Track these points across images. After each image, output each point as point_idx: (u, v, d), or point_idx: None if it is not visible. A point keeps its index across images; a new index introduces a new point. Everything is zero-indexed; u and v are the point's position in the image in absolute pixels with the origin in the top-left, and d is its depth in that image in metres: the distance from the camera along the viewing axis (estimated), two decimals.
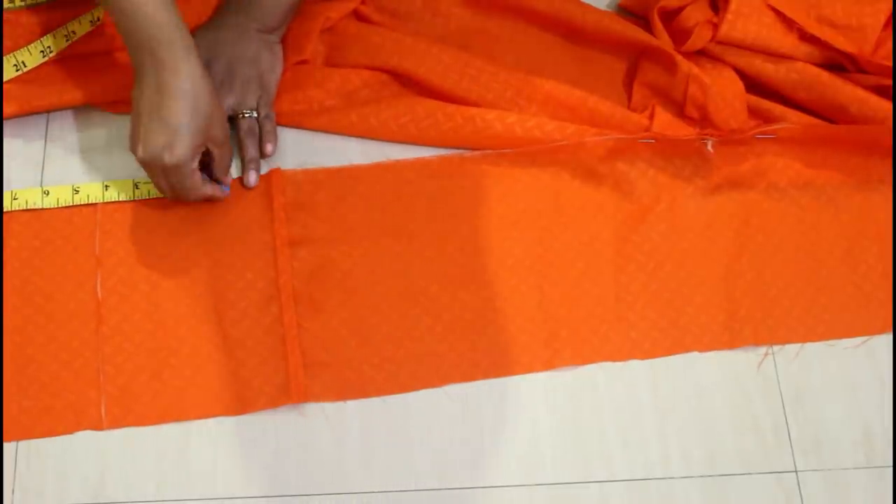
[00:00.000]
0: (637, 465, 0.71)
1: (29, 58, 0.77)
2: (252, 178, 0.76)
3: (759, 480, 0.71)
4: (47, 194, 0.75)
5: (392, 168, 0.79)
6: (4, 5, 0.78)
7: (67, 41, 0.78)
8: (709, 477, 0.71)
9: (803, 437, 0.72)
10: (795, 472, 0.71)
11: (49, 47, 0.77)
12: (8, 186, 0.76)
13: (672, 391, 0.73)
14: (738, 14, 0.79)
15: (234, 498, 0.68)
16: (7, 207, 0.75)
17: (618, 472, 0.70)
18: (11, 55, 0.77)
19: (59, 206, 0.75)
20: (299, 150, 0.79)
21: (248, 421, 0.70)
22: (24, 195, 0.75)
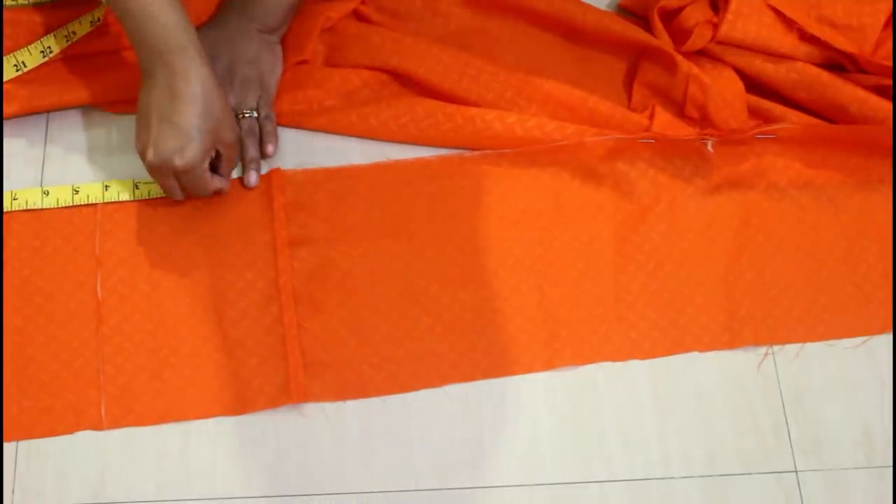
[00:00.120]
0: (637, 465, 0.71)
1: (29, 58, 0.77)
2: (252, 178, 0.76)
3: (759, 480, 0.71)
4: (47, 194, 0.75)
5: (392, 168, 0.79)
6: (6, 3, 0.78)
7: (68, 41, 0.78)
8: (709, 477, 0.71)
9: (803, 437, 0.72)
10: (795, 472, 0.71)
11: (49, 47, 0.77)
12: (8, 186, 0.76)
13: (672, 391, 0.73)
14: (738, 14, 0.79)
15: (233, 498, 0.68)
16: (7, 207, 0.75)
17: (618, 472, 0.70)
18: (11, 55, 0.77)
19: (59, 206, 0.75)
20: (299, 150, 0.79)
21: (248, 421, 0.70)
22: (23, 195, 0.75)
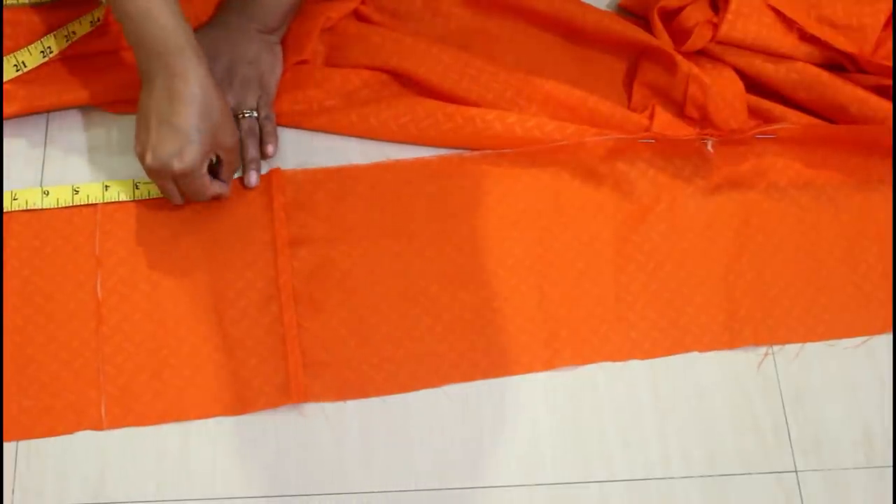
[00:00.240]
0: (637, 465, 0.71)
1: (29, 58, 0.77)
2: (253, 178, 0.76)
3: (759, 480, 0.71)
4: (47, 194, 0.75)
5: (392, 168, 0.79)
6: (6, 2, 0.78)
7: (67, 41, 0.78)
8: (709, 477, 0.71)
9: (803, 437, 0.72)
10: (795, 472, 0.71)
11: (49, 47, 0.77)
12: (8, 186, 0.76)
13: (672, 391, 0.73)
14: (738, 14, 0.79)
15: (233, 498, 0.68)
16: (7, 208, 0.75)
17: (618, 472, 0.70)
18: (11, 55, 0.77)
19: (59, 206, 0.75)
20: (299, 150, 0.79)
21: (248, 421, 0.70)
22: (23, 195, 0.75)
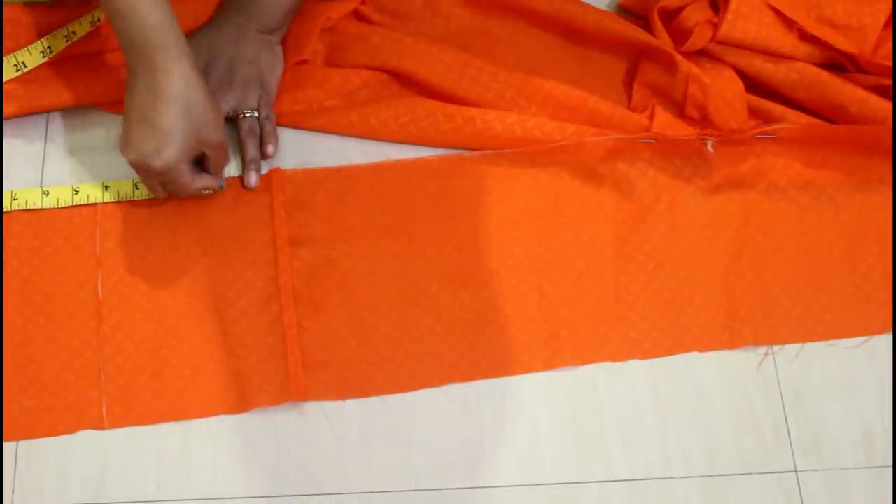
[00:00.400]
0: (637, 465, 0.71)
1: (29, 58, 0.77)
2: (253, 178, 0.76)
3: (759, 480, 0.71)
4: (47, 194, 0.75)
5: (392, 168, 0.79)
6: (6, 0, 0.78)
7: (67, 42, 0.78)
8: (709, 477, 0.71)
9: (803, 437, 0.72)
10: (795, 472, 0.71)
11: (49, 48, 0.77)
12: (8, 186, 0.76)
13: (672, 391, 0.73)
14: (738, 14, 0.79)
15: (234, 498, 0.68)
16: (7, 207, 0.75)
17: (618, 472, 0.70)
18: (11, 55, 0.77)
19: (59, 206, 0.75)
20: (299, 150, 0.79)
21: (249, 420, 0.70)
22: (23, 195, 0.75)
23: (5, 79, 0.77)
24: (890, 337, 0.76)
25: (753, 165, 0.79)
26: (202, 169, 0.73)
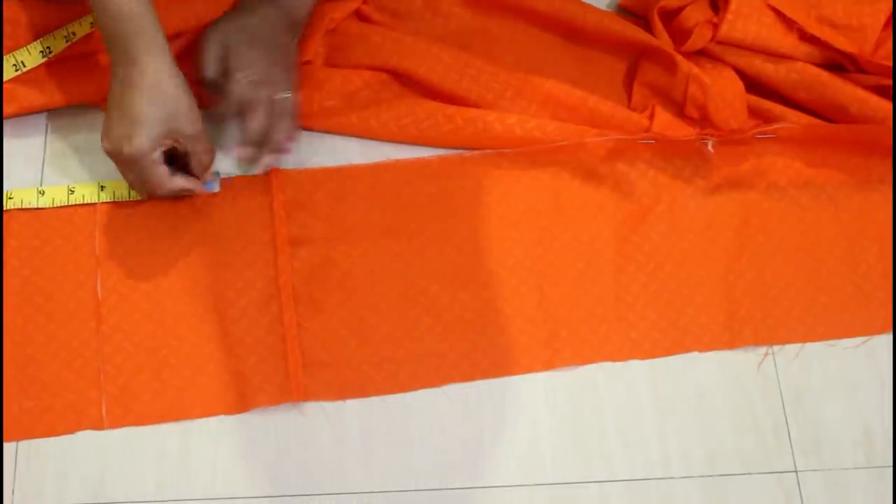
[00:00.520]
0: (637, 465, 0.71)
1: (29, 58, 0.77)
2: (269, 160, 0.75)
3: (759, 480, 0.71)
4: (43, 194, 0.75)
5: (392, 168, 0.79)
6: None
7: (67, 42, 0.78)
8: (709, 477, 0.71)
9: (803, 437, 0.72)
10: (795, 472, 0.71)
11: (49, 47, 0.77)
12: (8, 186, 0.76)
13: (672, 391, 0.73)
14: (738, 14, 0.79)
15: (234, 498, 0.68)
16: (4, 207, 0.75)
17: (618, 472, 0.70)
18: (11, 55, 0.76)
19: (54, 206, 0.75)
20: (299, 150, 0.79)
21: (249, 420, 0.70)
22: (19, 195, 0.75)
23: (5, 79, 0.77)
24: (890, 337, 0.76)
25: (753, 165, 0.79)
26: (186, 171, 0.72)
